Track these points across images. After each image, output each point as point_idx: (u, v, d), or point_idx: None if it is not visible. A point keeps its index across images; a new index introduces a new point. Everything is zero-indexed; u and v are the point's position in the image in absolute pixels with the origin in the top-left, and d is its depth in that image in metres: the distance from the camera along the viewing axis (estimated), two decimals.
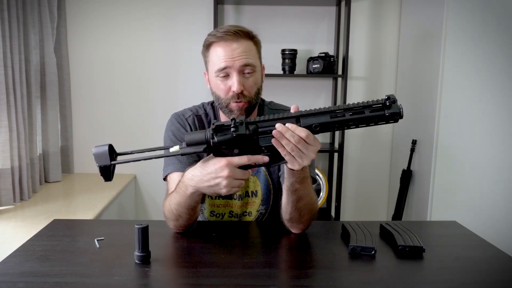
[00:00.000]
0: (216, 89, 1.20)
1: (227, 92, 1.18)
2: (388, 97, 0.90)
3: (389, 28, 2.74)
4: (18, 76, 2.09)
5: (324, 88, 2.78)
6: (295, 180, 1.04)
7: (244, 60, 1.15)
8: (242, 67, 1.16)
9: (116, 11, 2.65)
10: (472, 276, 0.95)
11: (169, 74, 2.71)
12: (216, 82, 1.19)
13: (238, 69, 1.15)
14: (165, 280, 0.94)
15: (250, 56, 1.17)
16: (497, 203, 2.22)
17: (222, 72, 1.16)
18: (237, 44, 1.16)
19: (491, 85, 2.16)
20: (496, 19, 2.12)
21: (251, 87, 1.18)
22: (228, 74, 1.17)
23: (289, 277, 0.96)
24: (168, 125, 1.31)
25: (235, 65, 1.15)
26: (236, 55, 1.15)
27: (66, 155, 2.67)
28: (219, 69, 1.16)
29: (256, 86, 1.20)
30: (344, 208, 2.87)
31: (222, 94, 1.19)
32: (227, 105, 1.19)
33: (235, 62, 1.15)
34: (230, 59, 1.15)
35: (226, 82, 1.17)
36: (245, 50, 1.16)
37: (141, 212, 2.83)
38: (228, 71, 1.16)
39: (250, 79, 1.18)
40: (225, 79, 1.17)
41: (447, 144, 2.21)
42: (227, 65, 1.15)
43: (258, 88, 1.21)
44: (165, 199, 1.17)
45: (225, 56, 1.15)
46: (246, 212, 1.33)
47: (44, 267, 0.96)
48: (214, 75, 1.18)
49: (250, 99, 1.19)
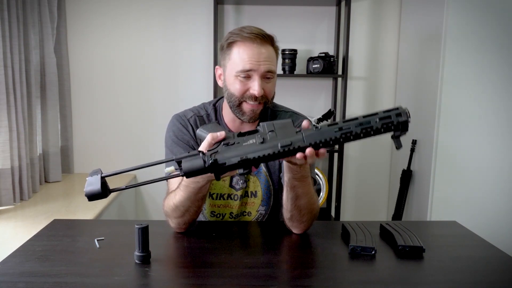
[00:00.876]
0: (231, 87, 1.20)
1: (243, 92, 1.18)
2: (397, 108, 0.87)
3: (389, 28, 2.74)
4: (18, 76, 2.09)
5: (324, 88, 2.78)
6: (292, 176, 1.04)
7: (269, 66, 1.17)
8: (265, 73, 1.17)
9: (116, 11, 2.65)
10: (472, 276, 0.95)
11: (169, 74, 2.71)
12: (234, 81, 1.19)
13: (262, 74, 1.16)
14: (165, 280, 0.94)
15: (273, 63, 1.19)
16: (497, 203, 2.22)
17: (245, 73, 1.16)
18: (264, 49, 1.17)
19: (491, 85, 2.16)
20: (496, 19, 2.12)
21: (270, 92, 1.21)
22: (249, 77, 1.17)
23: (289, 277, 0.96)
24: (170, 126, 1.30)
25: (260, 70, 1.16)
26: (262, 60, 1.16)
27: (66, 155, 2.67)
28: (243, 70, 1.16)
29: (273, 90, 1.23)
30: (344, 208, 2.87)
31: (237, 92, 1.19)
32: (239, 104, 1.19)
33: (261, 67, 1.16)
34: (256, 63, 1.15)
35: (246, 83, 1.17)
36: (270, 56, 1.18)
37: (141, 212, 2.83)
38: (251, 73, 1.16)
39: (270, 84, 1.20)
40: (245, 79, 1.17)
41: (447, 144, 2.21)
42: (252, 68, 1.15)
43: (273, 93, 1.24)
44: (166, 198, 1.17)
45: (251, 58, 1.15)
46: (245, 212, 1.33)
47: (44, 267, 0.96)
48: (234, 74, 1.18)
49: (267, 102, 1.21)
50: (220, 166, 0.86)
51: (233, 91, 1.19)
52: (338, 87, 2.69)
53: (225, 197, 1.31)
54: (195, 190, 1.07)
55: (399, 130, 0.86)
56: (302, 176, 1.04)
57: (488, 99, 2.17)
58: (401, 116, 0.85)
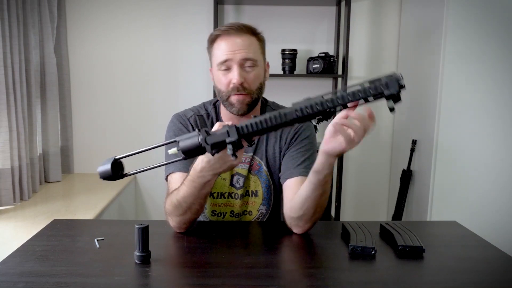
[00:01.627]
0: (218, 82, 1.22)
1: (227, 85, 1.19)
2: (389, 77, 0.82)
3: (389, 28, 2.74)
4: (18, 76, 2.09)
5: (324, 88, 2.78)
6: (328, 172, 1.02)
7: (245, 53, 1.17)
8: (243, 61, 1.18)
9: (116, 11, 2.65)
10: (472, 276, 0.95)
11: (169, 74, 2.71)
12: (218, 75, 1.21)
13: (239, 62, 1.18)
14: (165, 280, 0.94)
15: (252, 50, 1.19)
16: (497, 203, 2.22)
17: (224, 65, 1.19)
18: (240, 39, 1.18)
19: (491, 86, 2.16)
20: (496, 20, 2.12)
21: (252, 81, 1.20)
22: (229, 68, 1.19)
23: (290, 277, 0.96)
24: (170, 125, 1.31)
25: (236, 58, 1.17)
26: (237, 49, 1.17)
27: (66, 155, 2.67)
28: (221, 62, 1.19)
29: (258, 80, 1.22)
30: (344, 208, 2.87)
31: (223, 87, 1.21)
32: (227, 98, 1.21)
33: (236, 55, 1.17)
34: (231, 52, 1.17)
35: (228, 75, 1.19)
36: (247, 45, 1.19)
37: (141, 212, 2.83)
38: (229, 64, 1.18)
39: (251, 73, 1.20)
40: (226, 72, 1.19)
41: (447, 144, 2.21)
42: (228, 58, 1.18)
43: (260, 83, 1.23)
44: (168, 196, 1.17)
45: (226, 49, 1.18)
46: (246, 211, 1.33)
47: (44, 267, 0.96)
48: (216, 68, 1.21)
49: (251, 92, 1.20)
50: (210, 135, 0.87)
51: (220, 86, 1.22)
52: (338, 87, 2.69)
53: (226, 196, 1.31)
54: (200, 185, 1.06)
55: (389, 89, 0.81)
56: (331, 172, 1.04)
57: (488, 100, 2.17)
58: (391, 76, 0.81)
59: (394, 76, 0.81)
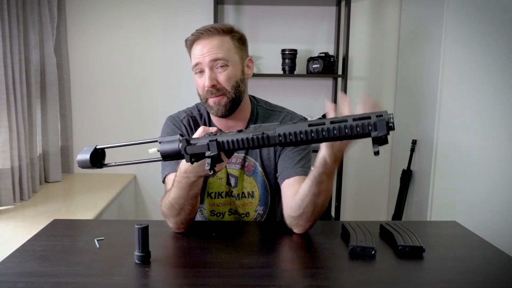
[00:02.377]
0: (196, 86, 1.25)
1: (203, 88, 1.21)
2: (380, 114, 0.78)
3: (389, 28, 2.74)
4: (18, 76, 2.09)
5: (324, 88, 2.78)
6: (323, 171, 1.02)
7: (213, 55, 1.18)
8: (212, 62, 1.18)
9: (116, 11, 2.65)
10: (472, 276, 0.95)
11: (169, 74, 2.71)
12: (196, 80, 1.23)
13: (208, 65, 1.19)
14: (165, 280, 0.94)
15: (221, 50, 1.19)
16: (497, 203, 2.22)
17: (196, 68, 1.21)
18: (208, 41, 1.19)
19: (491, 86, 2.16)
20: (496, 20, 2.12)
21: (225, 81, 1.20)
22: (202, 71, 1.20)
23: (289, 277, 0.96)
24: (164, 127, 1.32)
25: (205, 61, 1.18)
26: (206, 51, 1.18)
27: (66, 155, 2.67)
28: (193, 66, 1.21)
29: (233, 79, 1.20)
30: (344, 208, 2.87)
31: (200, 90, 1.23)
32: (206, 101, 1.23)
33: (205, 58, 1.18)
34: (201, 56, 1.19)
35: (202, 78, 1.21)
36: (216, 46, 1.19)
37: (141, 212, 2.83)
38: (200, 67, 1.20)
39: (223, 73, 1.19)
40: (200, 75, 1.21)
41: (447, 144, 2.21)
42: (198, 61, 1.20)
43: (236, 82, 1.21)
44: (163, 198, 1.17)
45: (197, 53, 1.20)
46: (243, 214, 1.33)
47: (44, 267, 0.96)
48: (194, 73, 1.23)
49: (226, 92, 1.20)
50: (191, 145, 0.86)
51: (198, 90, 1.24)
52: (338, 87, 2.69)
53: (223, 195, 1.31)
54: (187, 186, 1.06)
55: (377, 130, 0.77)
56: (331, 172, 1.04)
57: (488, 99, 2.17)
58: (381, 116, 0.77)
59: (384, 117, 0.76)
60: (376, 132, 0.77)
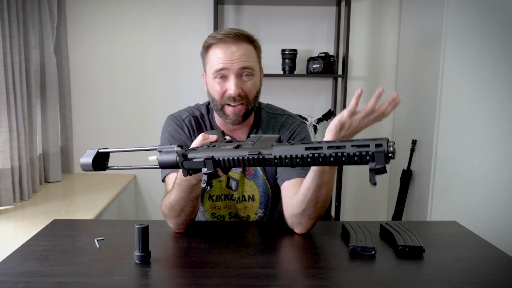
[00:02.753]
0: (212, 90, 1.20)
1: (222, 94, 1.18)
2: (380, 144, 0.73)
3: (389, 28, 2.74)
4: (18, 76, 2.09)
5: (324, 88, 2.78)
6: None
7: (243, 63, 1.15)
8: (241, 70, 1.16)
9: (116, 11, 2.65)
10: (472, 276, 0.95)
11: (169, 74, 2.71)
12: (213, 84, 1.19)
13: (236, 72, 1.16)
14: (165, 280, 0.94)
15: (249, 59, 1.17)
16: (497, 203, 2.22)
17: (220, 73, 1.16)
18: (236, 47, 1.16)
19: (491, 85, 2.16)
20: (496, 19, 2.12)
21: (250, 90, 1.18)
22: (225, 76, 1.17)
23: (289, 277, 0.96)
24: (165, 126, 1.31)
25: (233, 68, 1.15)
26: (235, 58, 1.15)
27: (66, 155, 2.67)
28: (217, 70, 1.16)
29: (255, 89, 1.20)
30: (344, 208, 2.87)
31: (217, 96, 1.19)
32: (222, 108, 1.19)
33: (234, 65, 1.15)
34: (228, 61, 1.15)
35: (223, 84, 1.17)
36: (244, 53, 1.16)
37: (141, 212, 2.83)
38: (225, 73, 1.16)
39: (249, 82, 1.18)
40: (222, 80, 1.17)
41: (447, 144, 2.21)
42: (224, 67, 1.15)
43: (256, 91, 1.21)
44: (163, 198, 1.17)
45: (223, 58, 1.15)
46: (244, 217, 1.33)
47: (44, 267, 0.96)
48: (212, 77, 1.18)
49: (248, 102, 1.19)
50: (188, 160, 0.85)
51: (214, 94, 1.20)
52: (338, 87, 2.69)
53: (223, 197, 1.31)
54: (188, 188, 1.06)
55: (374, 161, 0.73)
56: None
57: (488, 99, 2.17)
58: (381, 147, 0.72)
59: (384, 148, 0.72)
60: (373, 164, 0.73)
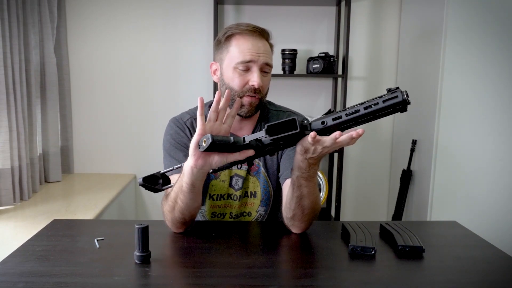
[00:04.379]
0: (230, 80, 1.21)
1: (243, 85, 1.19)
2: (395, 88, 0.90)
3: (389, 28, 2.74)
4: (18, 76, 2.09)
5: (324, 88, 2.78)
6: (300, 175, 1.04)
7: (267, 59, 1.20)
8: (264, 65, 1.20)
9: (116, 11, 2.65)
10: (472, 276, 0.95)
11: (169, 74, 2.71)
12: (233, 74, 1.20)
13: (261, 66, 1.19)
14: (165, 280, 0.94)
15: (270, 56, 1.22)
16: (497, 203, 2.22)
17: (245, 65, 1.18)
18: (262, 43, 1.20)
19: (491, 86, 2.16)
20: (496, 20, 2.12)
21: (266, 86, 1.23)
22: (248, 68, 1.19)
23: (289, 277, 0.96)
24: (167, 129, 1.31)
25: (260, 61, 1.18)
26: (261, 52, 1.19)
27: (66, 155, 2.67)
28: (243, 61, 1.18)
29: (268, 87, 1.26)
30: (344, 208, 2.87)
31: (237, 86, 1.20)
32: (241, 97, 1.20)
33: (260, 58, 1.18)
34: (256, 54, 1.18)
35: (245, 75, 1.19)
36: (267, 50, 1.22)
37: (141, 212, 2.83)
38: (250, 65, 1.18)
39: (266, 78, 1.22)
40: (244, 72, 1.19)
41: (447, 144, 2.21)
42: (252, 59, 1.17)
43: (268, 88, 1.26)
44: (164, 199, 1.17)
45: (251, 50, 1.18)
46: (245, 213, 1.33)
47: (44, 267, 0.96)
48: (233, 66, 1.19)
49: (262, 96, 1.23)
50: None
51: (233, 85, 1.20)
52: (338, 87, 2.69)
53: (225, 197, 1.31)
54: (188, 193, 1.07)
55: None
56: (309, 176, 1.04)
57: (488, 99, 2.17)
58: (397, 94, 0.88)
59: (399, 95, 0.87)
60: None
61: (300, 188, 1.07)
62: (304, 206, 1.10)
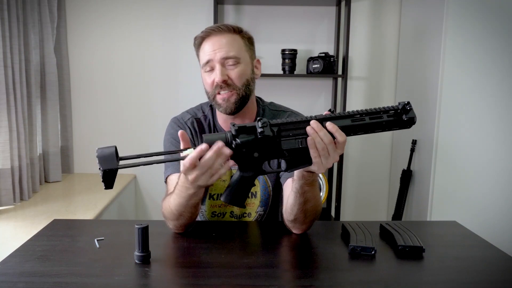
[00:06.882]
0: (204, 83, 1.24)
1: (212, 85, 1.21)
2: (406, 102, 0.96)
3: (389, 28, 2.74)
4: (18, 76, 2.09)
5: (324, 88, 2.78)
6: (304, 182, 1.04)
7: (224, 52, 1.19)
8: (223, 60, 1.19)
9: (116, 11, 2.65)
10: (472, 276, 0.95)
11: (169, 74, 2.71)
12: (204, 77, 1.23)
13: (220, 61, 1.19)
14: (165, 280, 0.94)
15: (232, 48, 1.20)
16: (497, 203, 2.22)
17: (207, 66, 1.20)
18: (218, 38, 1.20)
19: (491, 86, 2.16)
20: (496, 20, 2.12)
21: (236, 78, 1.20)
22: (212, 68, 1.20)
23: (289, 277, 0.96)
24: (168, 129, 1.32)
25: (216, 57, 1.18)
26: (217, 48, 1.19)
27: (66, 155, 2.67)
28: (204, 63, 1.21)
29: (244, 77, 1.21)
30: (344, 208, 2.87)
31: (208, 87, 1.23)
32: (214, 98, 1.22)
33: (216, 54, 1.18)
34: (212, 52, 1.19)
35: (211, 75, 1.21)
36: (227, 43, 1.19)
37: (141, 212, 2.83)
38: (211, 64, 1.20)
39: (235, 70, 1.20)
40: (210, 72, 1.21)
41: (447, 144, 2.21)
42: (209, 58, 1.19)
43: (247, 80, 1.22)
44: (164, 199, 1.17)
45: (209, 49, 1.20)
46: (245, 213, 1.33)
47: (44, 267, 0.96)
48: (203, 71, 1.23)
49: (237, 89, 1.20)
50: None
51: (206, 87, 1.24)
52: (338, 87, 2.69)
53: None
54: (187, 196, 1.05)
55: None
56: (313, 181, 1.04)
57: (488, 100, 2.17)
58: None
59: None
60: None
61: (304, 194, 1.06)
62: (307, 210, 1.10)
